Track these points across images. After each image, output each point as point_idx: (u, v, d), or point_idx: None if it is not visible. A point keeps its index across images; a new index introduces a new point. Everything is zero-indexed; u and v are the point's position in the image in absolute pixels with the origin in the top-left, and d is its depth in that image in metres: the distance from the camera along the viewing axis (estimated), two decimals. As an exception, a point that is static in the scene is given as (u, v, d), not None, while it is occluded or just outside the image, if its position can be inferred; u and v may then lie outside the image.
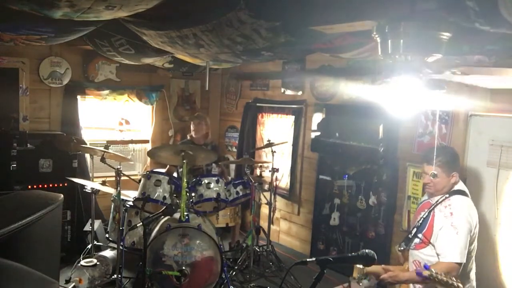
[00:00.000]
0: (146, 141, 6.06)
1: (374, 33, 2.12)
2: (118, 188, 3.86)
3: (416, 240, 2.75)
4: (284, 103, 5.46)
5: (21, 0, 2.26)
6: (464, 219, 2.61)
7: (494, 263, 3.33)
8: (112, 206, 4.40)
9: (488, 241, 3.34)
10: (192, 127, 4.87)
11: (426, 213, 2.75)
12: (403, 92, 2.17)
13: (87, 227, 4.44)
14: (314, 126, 5.06)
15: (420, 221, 2.76)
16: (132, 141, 5.92)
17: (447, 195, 2.72)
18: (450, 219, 2.61)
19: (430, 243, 2.65)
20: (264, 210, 5.17)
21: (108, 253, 4.27)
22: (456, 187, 2.76)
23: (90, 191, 4.08)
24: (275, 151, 4.83)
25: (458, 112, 3.67)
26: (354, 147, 4.58)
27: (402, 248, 2.81)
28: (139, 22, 3.01)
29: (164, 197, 3.94)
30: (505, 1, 1.45)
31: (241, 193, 4.41)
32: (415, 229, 2.78)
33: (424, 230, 2.71)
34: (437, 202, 2.72)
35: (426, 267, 2.17)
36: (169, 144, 5.89)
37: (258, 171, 5.11)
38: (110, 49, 4.05)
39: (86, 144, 4.76)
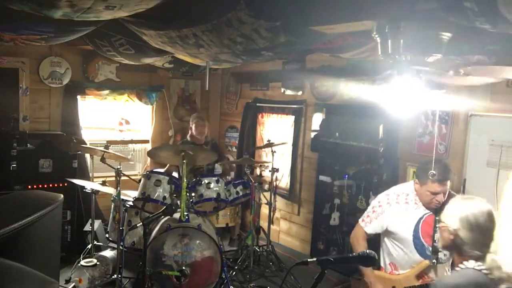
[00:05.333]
0: (146, 141, 6.06)
1: (374, 33, 2.12)
2: (118, 188, 3.87)
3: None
4: (284, 103, 5.46)
5: (21, 0, 2.26)
6: None
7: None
8: (112, 206, 4.40)
9: (488, 241, 3.34)
10: (194, 128, 4.87)
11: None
12: (403, 92, 2.17)
13: (87, 227, 4.44)
14: (314, 126, 5.07)
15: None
16: (132, 141, 5.92)
17: None
18: None
19: None
20: (264, 210, 5.17)
21: (108, 253, 4.27)
22: None
23: (90, 191, 4.08)
24: (275, 151, 4.83)
25: (458, 112, 3.67)
26: (354, 147, 4.58)
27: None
28: (139, 22, 3.01)
29: (164, 197, 3.94)
30: (504, 0, 1.46)
31: (241, 193, 4.41)
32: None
33: None
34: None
35: None
36: (169, 144, 5.89)
37: (258, 171, 5.11)
38: (110, 49, 4.05)
39: (86, 144, 4.75)
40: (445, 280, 1.83)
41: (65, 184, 4.52)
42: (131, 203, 4.18)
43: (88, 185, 4.09)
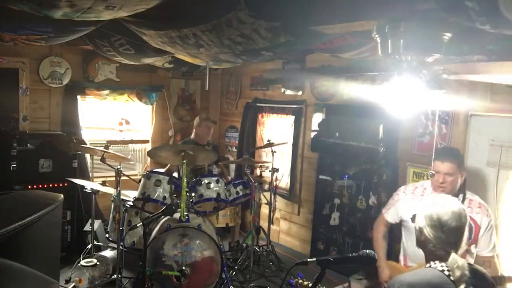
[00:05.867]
0: (146, 141, 6.06)
1: (374, 33, 2.12)
2: (118, 188, 3.86)
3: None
4: (284, 103, 5.46)
5: (21, 0, 2.26)
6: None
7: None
8: (112, 206, 4.40)
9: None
10: (203, 128, 4.85)
11: None
12: (403, 92, 2.17)
13: (87, 227, 4.44)
14: (314, 126, 5.07)
15: None
16: (132, 141, 5.92)
17: (466, 194, 2.75)
18: (490, 217, 2.74)
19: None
20: (264, 210, 5.17)
21: (108, 253, 4.26)
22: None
23: (90, 191, 4.08)
24: (275, 151, 4.83)
25: (458, 112, 3.67)
26: (354, 147, 4.58)
27: None
28: (139, 22, 3.01)
29: (164, 197, 3.94)
30: (505, 0, 1.45)
31: (241, 193, 4.41)
32: None
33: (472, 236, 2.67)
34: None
35: None
36: (169, 144, 5.89)
37: (258, 171, 5.11)
38: (110, 49, 4.05)
39: (86, 144, 4.75)
40: (401, 278, 1.80)
41: (65, 184, 4.53)
42: (131, 203, 4.17)
43: (88, 185, 4.09)
